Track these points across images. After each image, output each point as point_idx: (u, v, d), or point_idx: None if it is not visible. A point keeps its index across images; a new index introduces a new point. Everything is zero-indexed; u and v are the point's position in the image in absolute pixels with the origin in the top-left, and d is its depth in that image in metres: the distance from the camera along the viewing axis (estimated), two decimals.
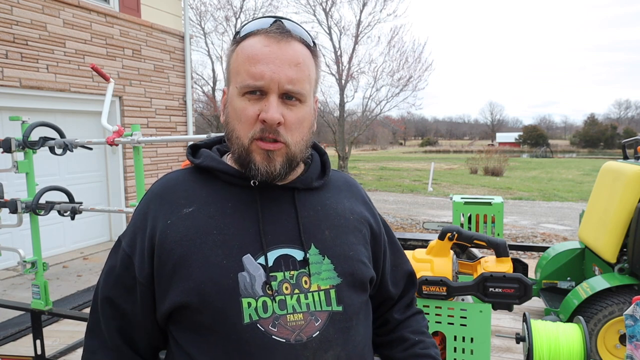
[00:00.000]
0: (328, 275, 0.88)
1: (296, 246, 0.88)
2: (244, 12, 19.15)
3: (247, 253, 0.85)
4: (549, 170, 25.20)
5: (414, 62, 18.13)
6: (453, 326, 1.80)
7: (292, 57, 0.84)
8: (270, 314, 0.82)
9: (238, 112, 0.86)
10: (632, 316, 1.53)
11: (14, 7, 5.14)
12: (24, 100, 5.40)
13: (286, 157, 0.87)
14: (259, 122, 0.84)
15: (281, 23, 0.86)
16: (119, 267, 0.89)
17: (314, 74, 0.90)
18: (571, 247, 3.80)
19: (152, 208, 0.90)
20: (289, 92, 0.84)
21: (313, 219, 0.92)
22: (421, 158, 39.94)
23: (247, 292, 0.82)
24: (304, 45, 0.88)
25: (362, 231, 0.98)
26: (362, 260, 0.94)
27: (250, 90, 0.84)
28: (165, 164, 7.36)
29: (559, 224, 8.76)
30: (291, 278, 0.86)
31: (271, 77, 0.82)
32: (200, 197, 0.90)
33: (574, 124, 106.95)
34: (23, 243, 4.64)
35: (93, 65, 2.90)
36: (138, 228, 0.89)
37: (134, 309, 0.89)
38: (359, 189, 1.07)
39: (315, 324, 0.84)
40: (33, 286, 2.80)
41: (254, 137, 0.85)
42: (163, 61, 7.28)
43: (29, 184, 2.76)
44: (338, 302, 0.87)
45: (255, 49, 0.84)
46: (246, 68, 0.84)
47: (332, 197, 0.98)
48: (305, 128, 0.90)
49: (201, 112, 20.34)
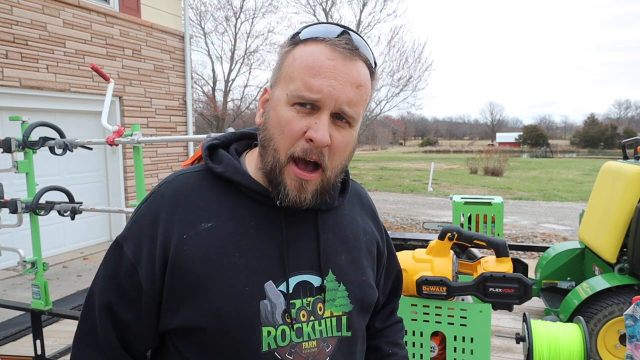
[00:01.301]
0: (342, 302, 0.87)
1: (315, 272, 0.86)
2: (244, 12, 19.14)
3: (269, 279, 0.81)
4: (549, 170, 25.20)
5: (414, 62, 18.12)
6: (453, 326, 1.80)
7: (355, 78, 0.78)
8: (288, 342, 0.81)
9: (282, 122, 0.78)
10: (632, 316, 1.53)
11: (14, 7, 5.14)
12: (24, 100, 5.39)
13: (320, 185, 0.81)
14: (304, 139, 0.77)
15: (350, 37, 0.79)
16: (122, 275, 0.82)
17: (369, 97, 0.84)
18: (571, 247, 3.80)
19: (163, 214, 0.82)
20: (343, 113, 0.78)
21: (331, 242, 0.89)
22: (421, 158, 39.93)
23: (267, 321, 0.80)
24: (367, 66, 0.81)
25: (372, 252, 0.97)
26: (371, 284, 0.94)
27: (302, 102, 0.77)
28: (165, 164, 7.36)
29: (559, 224, 8.76)
30: (308, 305, 0.84)
31: (330, 94, 0.76)
32: (219, 210, 0.83)
33: (574, 124, 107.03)
34: (23, 243, 4.64)
35: (93, 65, 2.90)
36: (144, 234, 0.81)
37: (135, 319, 0.83)
38: (369, 201, 1.05)
39: (326, 350, 0.85)
40: (33, 286, 2.80)
41: (294, 155, 0.78)
42: (163, 61, 7.28)
43: (29, 184, 2.76)
44: (348, 328, 0.88)
45: (317, 59, 0.77)
46: (303, 77, 0.76)
47: (348, 216, 0.95)
48: (348, 153, 0.83)
49: (201, 112, 20.33)
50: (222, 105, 20.56)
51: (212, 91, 20.90)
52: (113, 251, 0.84)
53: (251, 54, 20.51)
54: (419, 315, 1.84)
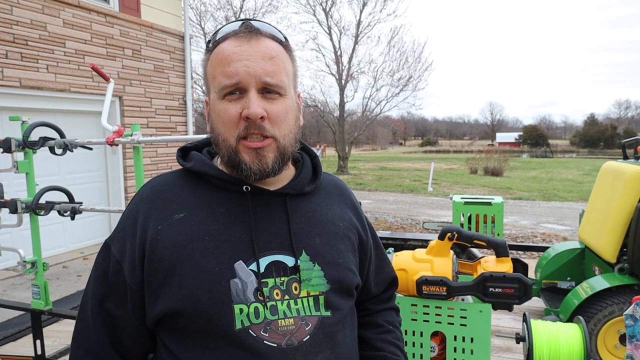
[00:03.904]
0: (318, 281, 0.89)
1: (287, 253, 0.89)
2: (244, 12, 19.15)
3: (239, 259, 0.85)
4: (549, 170, 25.19)
5: (414, 62, 18.16)
6: (453, 326, 1.80)
7: (264, 52, 0.85)
8: (262, 319, 0.83)
9: (221, 115, 0.86)
10: (632, 316, 1.53)
11: (14, 7, 5.14)
12: (24, 100, 5.39)
13: (277, 151, 0.87)
14: (243, 120, 0.83)
15: (249, 23, 0.87)
16: (110, 273, 0.88)
17: (290, 67, 0.90)
18: (571, 247, 3.80)
19: (141, 212, 0.89)
20: (267, 85, 0.84)
21: (304, 225, 0.92)
22: (421, 158, 39.93)
23: (239, 299, 0.83)
24: (276, 41, 0.88)
25: (350, 238, 0.99)
26: (350, 267, 0.96)
27: (229, 91, 0.84)
28: (165, 164, 7.35)
29: (559, 224, 8.76)
30: (282, 284, 0.86)
31: (247, 72, 0.83)
32: (192, 202, 0.89)
33: (574, 124, 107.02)
34: (23, 243, 4.64)
35: (93, 65, 2.90)
36: (127, 233, 0.88)
37: (125, 315, 0.88)
38: (348, 193, 1.08)
39: (305, 329, 0.86)
40: (33, 286, 2.80)
41: (240, 136, 0.84)
42: (163, 61, 7.28)
43: (29, 184, 2.76)
44: (326, 307, 0.89)
45: (227, 51, 0.85)
46: (221, 70, 0.84)
47: (322, 203, 0.99)
48: (291, 120, 0.89)
49: (201, 112, 20.33)
50: None
51: None
52: (102, 252, 0.91)
53: None
54: (419, 315, 1.83)
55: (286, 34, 0.93)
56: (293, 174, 0.99)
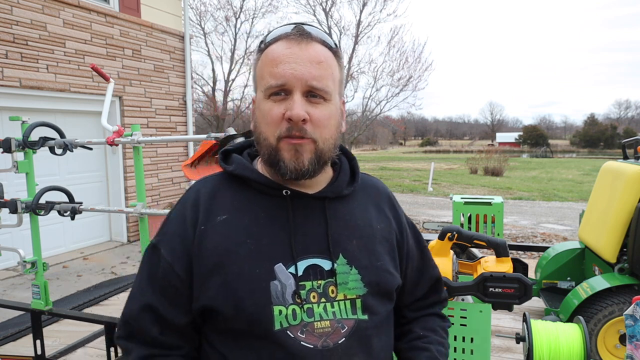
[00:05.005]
0: (355, 285, 0.90)
1: (325, 256, 0.90)
2: (244, 12, 19.15)
3: (279, 262, 0.87)
4: (549, 170, 25.19)
5: (414, 62, 18.10)
6: (453, 326, 1.80)
7: (313, 56, 0.86)
8: (299, 321, 0.86)
9: (264, 114, 0.88)
10: (632, 316, 1.53)
11: (14, 7, 5.14)
12: (24, 100, 5.39)
13: (315, 153, 0.88)
14: (285, 120, 0.85)
15: (301, 27, 0.89)
16: (160, 274, 0.90)
17: (337, 73, 0.91)
18: (571, 247, 3.80)
19: (188, 214, 0.92)
20: (313, 89, 0.85)
21: (342, 229, 0.94)
22: (421, 158, 39.92)
23: (278, 300, 0.85)
24: (326, 46, 0.90)
25: (389, 240, 0.99)
26: (389, 269, 0.96)
27: (274, 92, 0.86)
28: (165, 164, 7.35)
29: (559, 224, 8.75)
30: (318, 287, 0.88)
31: (293, 75, 0.84)
32: (233, 205, 0.92)
33: (574, 124, 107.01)
34: (23, 243, 4.64)
35: (93, 65, 2.90)
36: (176, 234, 0.91)
37: (175, 314, 0.90)
38: (387, 194, 1.08)
39: (341, 331, 0.87)
40: (33, 286, 2.80)
41: (281, 136, 0.86)
42: (163, 61, 7.28)
43: (29, 184, 2.76)
44: (363, 310, 0.90)
45: (276, 52, 0.87)
46: (269, 70, 0.87)
47: (360, 205, 1.00)
48: (333, 126, 0.90)
49: (201, 112, 20.33)
50: (222, 105, 20.56)
51: (212, 91, 20.89)
52: (150, 254, 0.94)
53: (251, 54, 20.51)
54: None
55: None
56: (331, 176, 0.99)
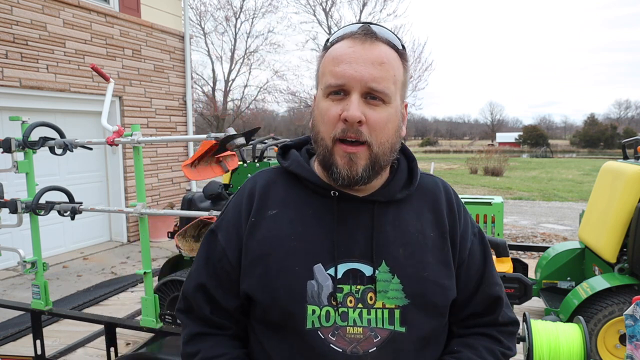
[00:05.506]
0: (395, 294, 0.87)
1: (367, 262, 0.88)
2: (244, 12, 19.17)
3: (319, 262, 0.87)
4: (549, 170, 25.19)
5: (414, 62, 18.13)
6: None
7: (376, 57, 0.84)
8: (332, 323, 0.85)
9: (322, 113, 0.87)
10: (632, 316, 1.53)
11: (14, 7, 5.14)
12: (24, 100, 5.39)
13: (369, 159, 0.85)
14: (341, 121, 0.83)
15: (367, 26, 0.87)
16: (215, 258, 0.95)
17: (400, 76, 0.88)
18: (571, 247, 3.80)
19: (244, 205, 0.95)
20: (372, 90, 0.83)
21: (389, 235, 0.90)
22: (421, 158, 39.86)
23: (313, 300, 0.86)
24: (391, 47, 0.87)
25: (443, 249, 0.93)
26: (439, 281, 0.90)
27: (333, 91, 0.85)
28: (165, 164, 7.36)
29: (559, 224, 8.75)
30: (357, 292, 0.87)
31: (352, 75, 0.82)
32: (284, 201, 0.94)
33: (574, 124, 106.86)
34: (23, 243, 4.63)
35: (93, 65, 2.90)
36: (231, 223, 0.95)
37: (224, 296, 0.95)
38: (449, 197, 0.99)
39: (374, 340, 0.85)
40: (33, 286, 2.80)
41: (336, 137, 0.85)
42: (163, 61, 7.28)
43: (29, 184, 2.76)
44: (402, 322, 0.86)
45: (339, 51, 0.86)
46: (330, 69, 0.86)
47: (414, 210, 0.94)
48: (391, 130, 0.87)
49: (201, 112, 20.33)
50: (222, 105, 20.56)
51: (212, 91, 20.90)
52: (208, 238, 0.99)
53: (251, 54, 20.54)
54: None
55: (286, 34, 0.94)
56: (386, 179, 0.95)
